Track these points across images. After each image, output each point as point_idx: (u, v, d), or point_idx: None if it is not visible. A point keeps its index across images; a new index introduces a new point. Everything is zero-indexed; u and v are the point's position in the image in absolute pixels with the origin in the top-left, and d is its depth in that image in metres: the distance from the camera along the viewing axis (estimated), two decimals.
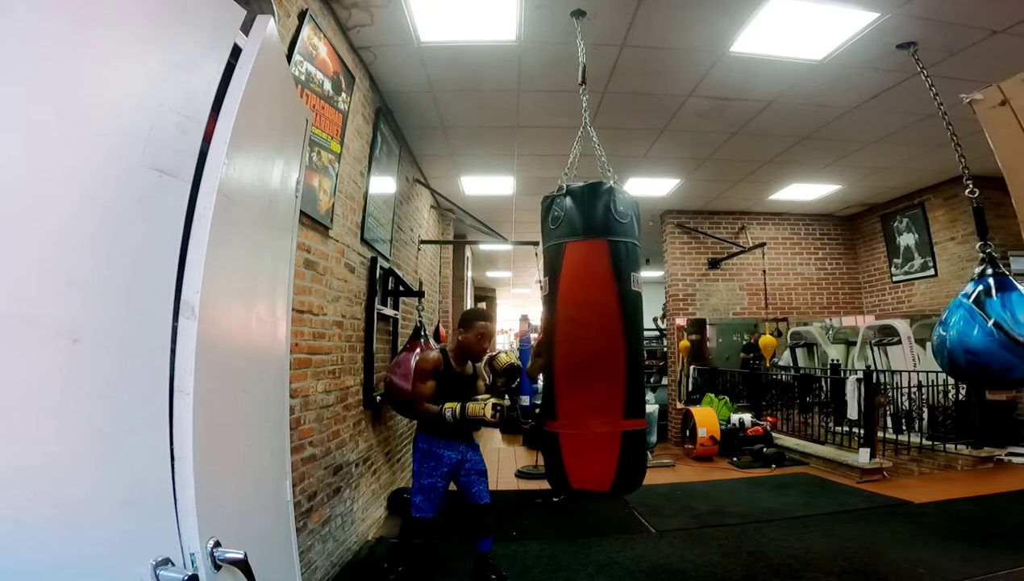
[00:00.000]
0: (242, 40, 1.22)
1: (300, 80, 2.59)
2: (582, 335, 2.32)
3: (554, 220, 2.42)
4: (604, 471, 2.30)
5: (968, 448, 5.12)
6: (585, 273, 2.35)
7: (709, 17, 3.20)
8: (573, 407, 2.32)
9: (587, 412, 2.32)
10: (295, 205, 1.61)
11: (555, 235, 2.41)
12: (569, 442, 2.31)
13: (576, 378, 2.32)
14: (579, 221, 2.37)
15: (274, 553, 1.35)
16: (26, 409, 0.75)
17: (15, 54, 0.76)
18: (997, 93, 2.33)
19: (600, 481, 2.31)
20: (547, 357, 2.45)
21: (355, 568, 3.14)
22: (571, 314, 2.34)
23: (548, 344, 2.43)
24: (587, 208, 2.38)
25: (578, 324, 2.33)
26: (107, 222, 0.87)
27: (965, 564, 2.99)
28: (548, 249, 2.46)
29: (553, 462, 2.36)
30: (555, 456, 2.34)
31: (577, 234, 2.36)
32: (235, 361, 1.22)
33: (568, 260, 2.35)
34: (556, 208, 2.42)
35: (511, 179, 6.23)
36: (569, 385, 2.33)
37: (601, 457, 2.30)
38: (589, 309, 2.33)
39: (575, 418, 2.32)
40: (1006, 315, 2.41)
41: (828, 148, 5.29)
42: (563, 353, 2.34)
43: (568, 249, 2.35)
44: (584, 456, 2.31)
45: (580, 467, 2.31)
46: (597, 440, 2.31)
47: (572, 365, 2.33)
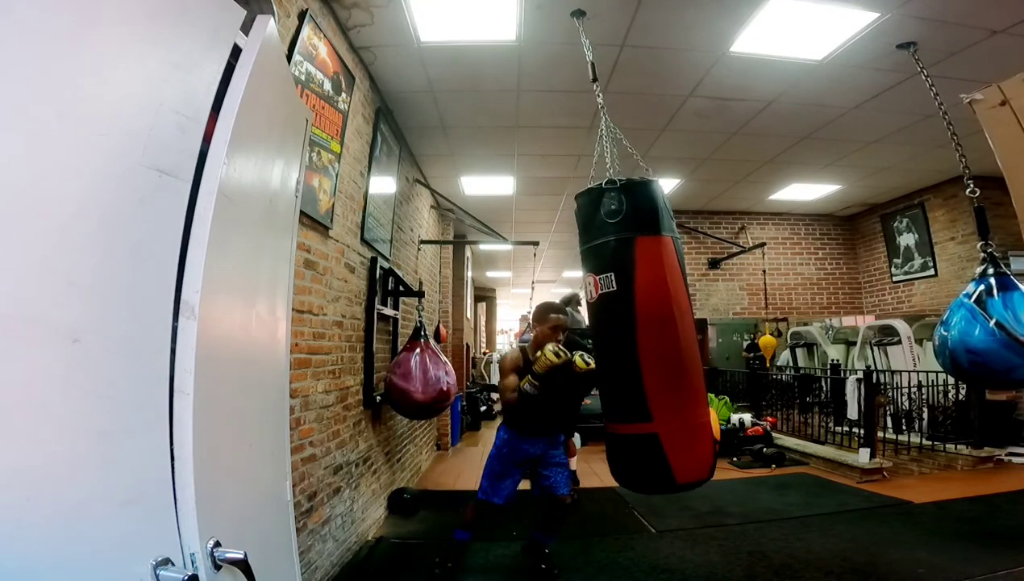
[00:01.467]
0: (242, 40, 1.22)
1: (300, 80, 2.59)
2: (672, 330, 2.30)
3: (610, 214, 2.34)
4: (706, 459, 2.36)
5: (968, 448, 5.11)
6: (666, 268, 2.32)
7: (709, 17, 3.20)
8: (672, 403, 2.30)
9: (686, 406, 2.32)
10: (295, 205, 1.61)
11: (615, 229, 2.34)
12: (673, 439, 2.27)
13: (672, 374, 2.31)
14: (647, 215, 2.34)
15: (274, 553, 1.34)
16: (26, 409, 0.75)
17: (15, 54, 0.76)
18: (997, 93, 2.33)
19: (703, 468, 2.36)
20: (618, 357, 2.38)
21: (355, 568, 3.14)
22: (658, 310, 2.29)
23: (622, 343, 2.34)
24: (650, 203, 2.36)
25: (667, 319, 2.30)
26: (107, 222, 0.87)
27: (965, 564, 2.98)
28: (606, 245, 2.37)
29: (652, 462, 2.29)
30: (655, 456, 2.27)
31: (647, 229, 2.33)
32: (235, 361, 1.22)
33: (643, 255, 2.30)
34: (610, 201, 2.35)
35: (511, 179, 6.23)
36: (665, 382, 2.30)
37: (704, 446, 2.36)
38: (676, 304, 2.32)
39: (677, 414, 2.30)
40: (1008, 315, 2.41)
41: (828, 148, 5.29)
42: (654, 350, 2.28)
43: (640, 243, 2.31)
44: (690, 450, 2.31)
45: (686, 461, 2.29)
46: (698, 431, 2.35)
47: (666, 362, 2.30)
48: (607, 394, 2.50)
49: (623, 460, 2.44)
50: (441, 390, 3.84)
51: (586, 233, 2.48)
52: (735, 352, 7.57)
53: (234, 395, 1.21)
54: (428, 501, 4.44)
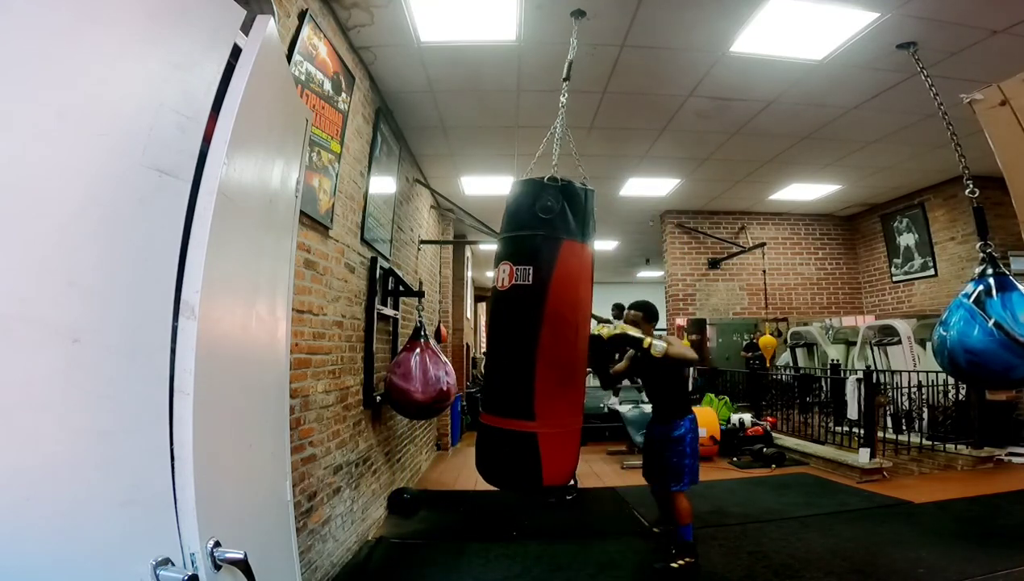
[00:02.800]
0: (242, 40, 1.22)
1: (300, 80, 2.59)
2: (572, 336, 2.36)
3: (545, 209, 2.37)
4: (572, 464, 2.48)
5: (968, 448, 5.11)
6: (582, 276, 2.40)
7: (709, 17, 3.20)
8: (557, 407, 2.34)
9: (567, 412, 2.39)
10: (295, 205, 1.61)
11: (546, 226, 2.37)
12: (549, 442, 2.31)
13: (562, 379, 2.36)
14: (577, 221, 2.40)
15: (274, 553, 1.34)
16: (26, 409, 0.75)
17: (15, 54, 0.76)
18: (997, 93, 2.33)
19: (566, 474, 2.48)
20: (513, 351, 2.38)
21: (355, 568, 3.14)
22: (566, 314, 2.34)
23: (521, 338, 2.34)
24: (583, 210, 2.43)
25: (571, 324, 2.35)
26: (107, 222, 0.87)
27: (965, 564, 2.98)
28: (532, 237, 2.39)
29: (525, 461, 2.31)
30: (529, 455, 2.30)
31: (574, 234, 2.39)
32: (235, 361, 1.22)
33: (565, 257, 2.35)
34: (548, 197, 2.39)
35: (511, 179, 6.21)
36: (554, 385, 2.33)
37: (572, 454, 2.46)
38: (581, 311, 2.40)
39: (558, 418, 2.35)
40: (1006, 315, 2.41)
41: (828, 148, 5.29)
42: (552, 351, 2.31)
43: (566, 246, 2.36)
44: (561, 454, 2.38)
45: (556, 465, 2.36)
46: (572, 438, 2.44)
47: (560, 365, 2.34)
48: (493, 384, 2.51)
49: (494, 454, 2.44)
50: (441, 390, 3.84)
51: (513, 221, 2.50)
52: (735, 352, 7.57)
53: (234, 395, 1.21)
54: (428, 501, 4.44)
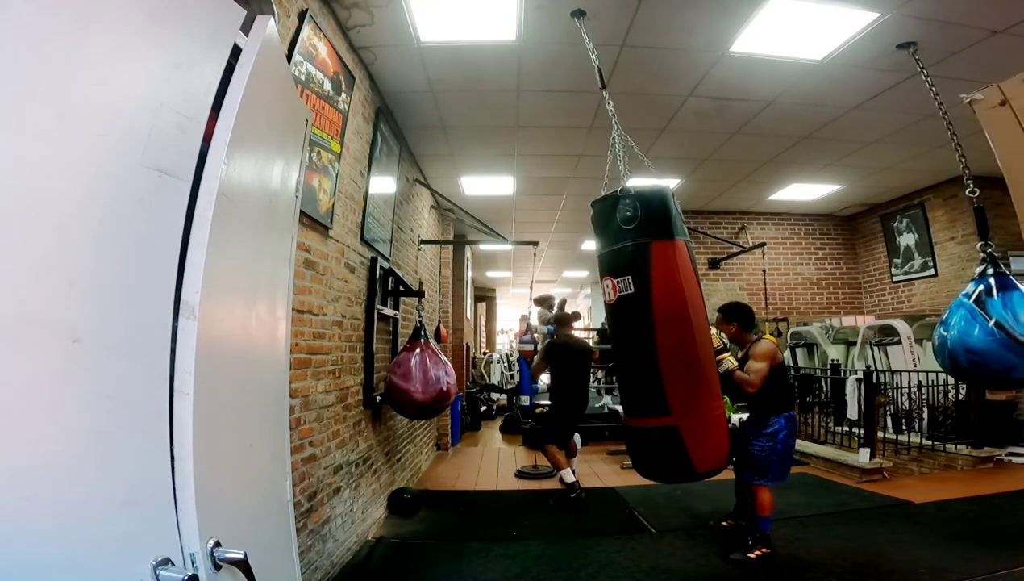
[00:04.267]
0: (242, 40, 1.22)
1: (300, 80, 2.59)
2: (687, 329, 2.45)
3: (627, 220, 2.49)
4: (723, 448, 2.53)
5: (968, 448, 5.11)
6: (680, 271, 2.48)
7: (709, 17, 3.20)
8: (690, 397, 2.44)
9: (702, 400, 2.47)
10: (295, 205, 1.61)
11: (631, 235, 2.48)
12: (692, 432, 2.41)
13: (690, 370, 2.45)
14: (661, 221, 2.48)
15: (274, 553, 1.34)
16: (26, 409, 0.75)
17: (15, 54, 0.76)
18: (997, 93, 2.33)
19: (720, 458, 2.53)
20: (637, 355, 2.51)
21: (355, 568, 3.14)
22: (674, 310, 2.44)
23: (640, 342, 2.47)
24: (663, 209, 2.50)
25: (683, 319, 2.45)
26: (107, 222, 0.87)
27: (965, 564, 2.98)
28: (623, 250, 2.51)
29: (672, 454, 2.44)
30: (675, 448, 2.41)
31: (662, 234, 2.47)
32: (235, 361, 1.22)
33: (658, 259, 2.45)
34: (625, 208, 2.49)
35: (511, 179, 6.23)
36: (682, 378, 2.44)
37: (720, 437, 2.52)
38: (691, 304, 2.47)
39: (696, 407, 2.44)
40: (1007, 315, 2.41)
41: (828, 148, 5.29)
42: (671, 348, 2.43)
43: (656, 248, 2.46)
44: (708, 441, 2.47)
45: (705, 451, 2.45)
46: (714, 423, 2.51)
47: (685, 358, 2.44)
48: (627, 390, 2.67)
49: (644, 452, 2.59)
50: (441, 390, 3.84)
51: (603, 238, 2.62)
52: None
53: (234, 395, 1.21)
54: (428, 501, 4.44)
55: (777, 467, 3.22)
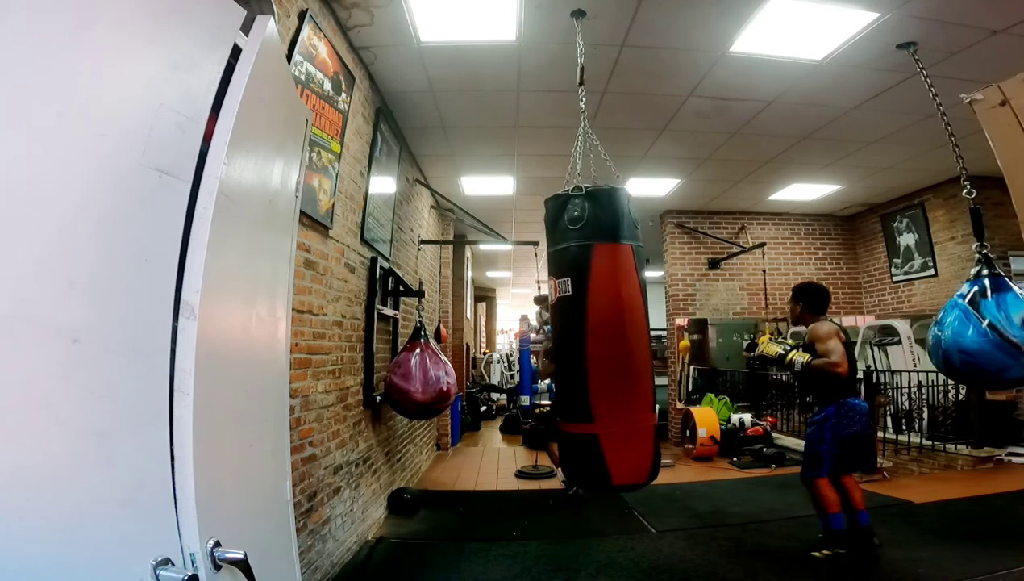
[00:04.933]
0: (242, 40, 1.22)
1: (300, 80, 2.59)
2: (620, 335, 2.37)
3: (573, 220, 2.42)
4: (644, 464, 2.43)
5: (968, 448, 5.11)
6: (620, 275, 2.40)
7: (709, 17, 3.20)
8: (615, 406, 2.37)
9: (629, 410, 2.39)
10: (295, 205, 1.61)
11: (576, 236, 2.41)
12: (612, 441, 2.35)
13: (617, 378, 2.38)
14: (607, 223, 2.40)
15: (274, 553, 1.34)
16: (26, 409, 0.75)
17: (15, 54, 0.76)
18: (997, 93, 2.33)
19: (640, 474, 2.44)
20: (569, 359, 2.45)
21: (355, 568, 3.14)
22: (608, 315, 2.37)
23: (573, 345, 2.42)
24: (612, 211, 2.42)
25: (616, 325, 2.37)
26: (107, 222, 0.87)
27: (965, 564, 2.98)
28: (566, 250, 2.45)
29: (591, 462, 2.38)
30: (594, 456, 2.35)
31: (606, 237, 2.40)
32: (235, 361, 1.22)
33: (599, 262, 2.38)
34: (574, 208, 2.42)
35: (511, 179, 6.23)
36: (609, 385, 2.37)
37: (642, 451, 2.43)
38: (627, 310, 2.39)
39: (618, 417, 2.37)
40: (1001, 316, 2.41)
41: (828, 148, 5.28)
42: (601, 354, 2.36)
43: (598, 250, 2.38)
44: (628, 453, 2.39)
45: (623, 463, 2.38)
46: (639, 436, 2.42)
47: (612, 365, 2.37)
48: (559, 393, 2.59)
49: (568, 457, 2.53)
50: (441, 390, 3.84)
51: (551, 237, 2.54)
52: (735, 352, 7.57)
53: (234, 395, 1.21)
54: (428, 501, 4.44)
55: (831, 459, 3.07)
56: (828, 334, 3.13)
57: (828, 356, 3.04)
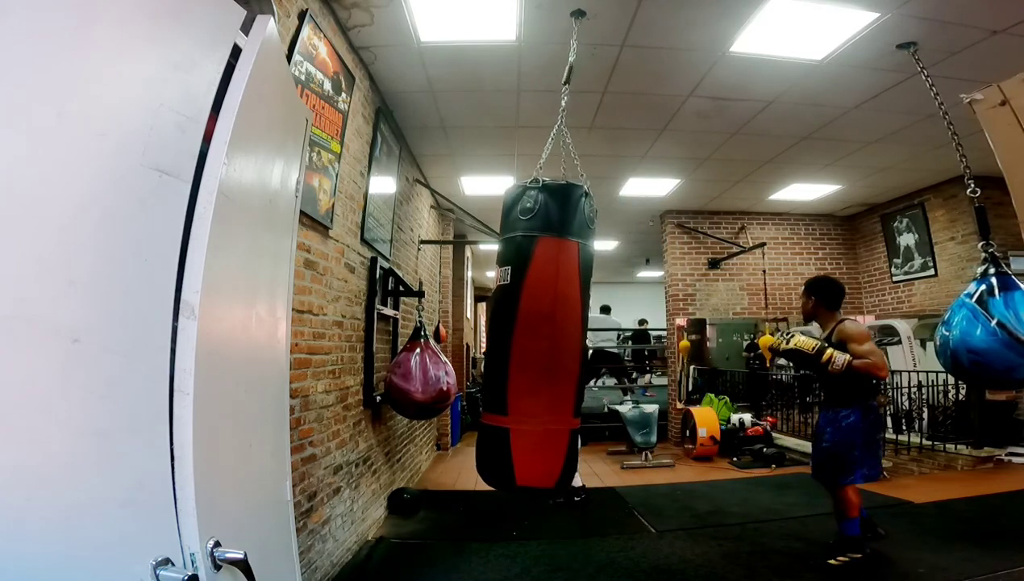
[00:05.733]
0: (242, 40, 1.22)
1: (300, 80, 2.59)
2: (548, 331, 2.29)
3: (524, 211, 2.38)
4: (553, 468, 2.32)
5: (968, 448, 5.11)
6: (558, 270, 2.33)
7: (709, 17, 3.20)
8: (530, 404, 2.28)
9: (544, 409, 2.30)
10: (295, 205, 1.61)
11: (524, 226, 2.37)
12: (521, 439, 2.26)
13: (537, 374, 2.30)
14: (555, 217, 2.36)
15: (274, 553, 1.35)
16: (26, 409, 0.75)
17: (15, 54, 0.76)
18: (997, 93, 2.33)
19: (548, 477, 2.33)
20: (495, 348, 2.38)
21: (355, 568, 3.14)
22: (539, 308, 2.30)
23: (501, 335, 2.35)
24: (563, 207, 2.38)
25: (546, 319, 2.29)
26: (107, 222, 0.87)
27: (965, 564, 2.98)
28: (512, 239, 2.41)
29: (498, 457, 2.29)
30: (502, 451, 2.27)
31: (552, 230, 2.35)
32: (235, 361, 1.22)
33: (540, 254, 2.32)
34: (528, 199, 2.39)
35: (511, 179, 6.21)
36: (527, 381, 2.29)
37: (552, 454, 2.32)
38: (559, 306, 2.31)
39: (531, 415, 2.28)
40: (1009, 314, 2.40)
41: (828, 148, 5.28)
42: (525, 347, 2.29)
43: (540, 243, 2.33)
44: (536, 453, 2.30)
45: (530, 464, 2.28)
46: (550, 438, 2.32)
47: (534, 360, 2.29)
48: (484, 382, 2.54)
49: (481, 449, 2.43)
50: (441, 390, 3.84)
51: (503, 226, 2.52)
52: (735, 352, 7.57)
53: (234, 395, 1.21)
54: (428, 501, 4.44)
55: (862, 461, 2.93)
56: (865, 334, 3.00)
57: (868, 357, 2.89)
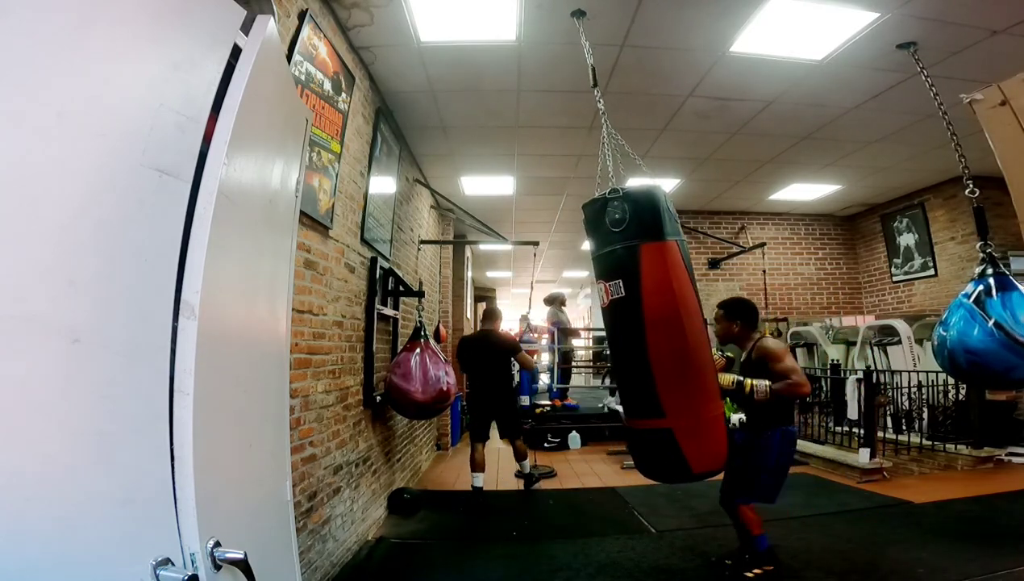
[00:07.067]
0: (242, 40, 1.22)
1: (300, 80, 2.59)
2: (679, 330, 2.41)
3: (615, 222, 2.45)
4: (720, 450, 2.48)
5: (968, 448, 5.11)
6: (671, 272, 2.43)
7: (709, 17, 3.20)
8: (683, 401, 2.42)
9: (697, 402, 2.44)
10: (295, 205, 1.61)
11: (620, 238, 2.44)
12: (687, 434, 2.39)
13: (682, 373, 2.42)
14: (649, 222, 2.43)
15: (274, 553, 1.34)
16: (26, 409, 0.75)
17: (15, 54, 0.76)
18: (997, 93, 2.33)
19: (718, 460, 2.49)
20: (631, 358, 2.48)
21: (355, 568, 3.14)
22: (665, 313, 2.40)
23: (633, 345, 2.45)
24: (652, 210, 2.45)
25: (674, 321, 2.41)
26: (107, 222, 0.87)
27: (965, 564, 2.98)
28: (612, 253, 2.48)
29: (668, 456, 2.43)
30: (671, 449, 2.40)
31: (651, 235, 2.42)
32: (235, 361, 1.22)
33: (647, 261, 2.41)
34: (614, 211, 2.45)
35: (511, 179, 6.23)
36: (674, 381, 2.41)
37: (716, 438, 2.48)
38: (682, 305, 2.43)
39: (688, 410, 2.41)
40: (1007, 315, 2.40)
41: (828, 148, 5.29)
42: (662, 351, 2.40)
43: (645, 250, 2.42)
44: (702, 442, 2.43)
45: (701, 453, 2.42)
46: (711, 424, 2.47)
47: (675, 362, 2.41)
48: (624, 392, 2.65)
49: (643, 453, 2.58)
50: (441, 390, 3.84)
51: (595, 242, 2.58)
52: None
53: (234, 395, 1.21)
54: (428, 501, 4.44)
55: (763, 486, 2.91)
56: (783, 351, 2.94)
57: (790, 376, 2.82)
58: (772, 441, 2.89)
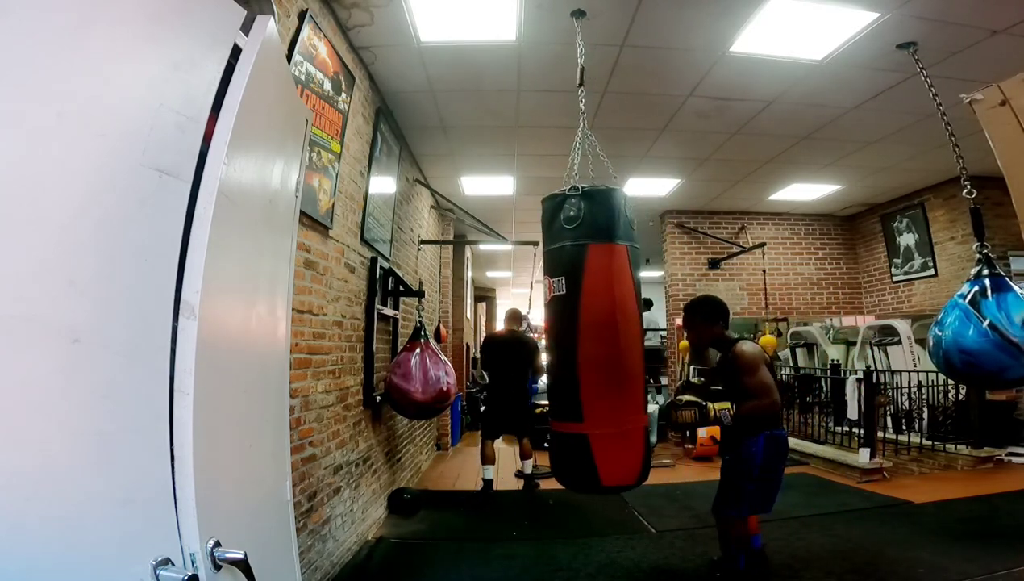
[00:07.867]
0: (242, 40, 1.22)
1: (300, 80, 2.59)
2: (612, 336, 2.36)
3: (569, 220, 2.42)
4: (634, 465, 2.41)
5: (968, 448, 5.11)
6: (614, 276, 2.39)
7: (709, 17, 3.20)
8: (604, 408, 2.36)
9: (618, 412, 2.38)
10: (295, 205, 1.61)
11: (571, 235, 2.41)
12: (601, 442, 2.34)
13: (608, 380, 2.37)
14: (602, 223, 2.40)
15: (274, 553, 1.34)
16: (26, 409, 0.75)
17: (15, 54, 0.76)
18: (997, 93, 2.33)
19: (630, 475, 2.42)
20: (561, 358, 2.44)
21: (355, 568, 3.14)
22: (601, 316, 2.36)
23: (565, 345, 2.41)
24: (607, 211, 2.42)
25: (609, 325, 2.36)
26: (107, 222, 0.87)
27: (965, 564, 2.98)
28: (561, 249, 2.44)
29: (580, 462, 2.37)
30: (583, 457, 2.34)
31: (601, 236, 2.39)
32: (235, 361, 1.22)
33: (593, 262, 2.37)
34: (570, 208, 2.42)
35: (511, 179, 6.22)
36: (599, 386, 2.36)
37: (632, 453, 2.41)
38: (620, 311, 2.38)
39: (607, 418, 2.36)
40: (1001, 316, 2.41)
41: (828, 148, 5.28)
42: (592, 355, 2.35)
43: (592, 250, 2.38)
44: (617, 454, 2.38)
45: (613, 465, 2.37)
46: (628, 437, 2.40)
47: (603, 367, 2.36)
48: (552, 392, 2.60)
49: (559, 457, 2.52)
50: (441, 390, 3.84)
51: (547, 236, 2.55)
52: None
53: (234, 395, 1.21)
54: (428, 501, 4.44)
55: (753, 496, 2.66)
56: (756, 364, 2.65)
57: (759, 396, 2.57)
58: (754, 449, 2.62)
